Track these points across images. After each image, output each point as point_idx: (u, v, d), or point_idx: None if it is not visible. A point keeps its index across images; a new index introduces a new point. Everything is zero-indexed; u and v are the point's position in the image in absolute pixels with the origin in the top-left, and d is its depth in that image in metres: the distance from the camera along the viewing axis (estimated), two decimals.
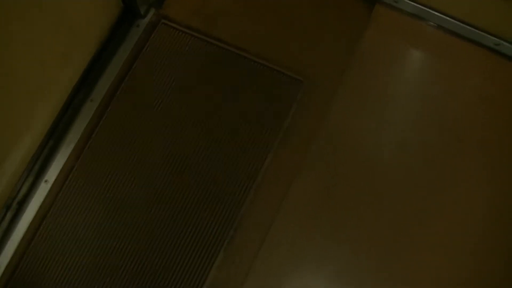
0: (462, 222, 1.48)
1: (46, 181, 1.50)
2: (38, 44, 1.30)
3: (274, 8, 1.69)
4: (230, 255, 1.44)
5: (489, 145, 1.55)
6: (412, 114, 1.58)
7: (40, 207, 1.48)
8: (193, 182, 1.50)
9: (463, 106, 1.58)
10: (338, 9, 1.69)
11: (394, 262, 1.44)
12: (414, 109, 1.58)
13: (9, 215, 1.47)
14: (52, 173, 1.51)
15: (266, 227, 1.46)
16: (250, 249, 1.44)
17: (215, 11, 1.67)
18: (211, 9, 1.68)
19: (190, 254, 1.44)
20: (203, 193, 1.49)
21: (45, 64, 1.37)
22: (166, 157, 1.52)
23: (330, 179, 1.50)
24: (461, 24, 1.62)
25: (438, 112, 1.57)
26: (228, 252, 1.44)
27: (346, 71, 1.61)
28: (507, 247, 1.46)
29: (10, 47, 1.21)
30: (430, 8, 1.62)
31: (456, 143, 1.55)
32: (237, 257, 1.44)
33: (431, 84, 1.60)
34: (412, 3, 1.63)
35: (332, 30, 1.66)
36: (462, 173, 1.52)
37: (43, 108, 1.46)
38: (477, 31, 1.61)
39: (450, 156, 1.54)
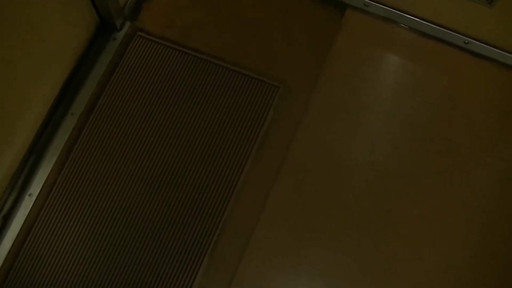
0: (431, 219, 1.52)
1: (30, 194, 1.52)
2: (12, 60, 1.31)
3: (245, 18, 1.71)
4: (214, 261, 1.47)
5: (459, 144, 1.58)
6: (384, 116, 1.61)
7: (25, 220, 1.50)
8: (175, 191, 1.52)
9: (433, 105, 1.62)
10: (309, 15, 1.71)
11: (367, 260, 1.48)
12: (386, 112, 1.61)
13: None
14: (35, 187, 1.53)
15: (249, 231, 1.49)
16: (234, 254, 1.47)
17: (187, 23, 1.70)
18: (183, 21, 1.70)
19: (175, 261, 1.46)
20: (185, 201, 1.51)
21: (21, 80, 1.38)
22: (146, 168, 1.54)
23: (308, 183, 1.54)
24: (431, 25, 1.65)
25: (409, 113, 1.61)
26: (212, 258, 1.47)
27: (320, 76, 1.64)
28: (478, 244, 1.50)
29: None
30: (400, 10, 1.66)
31: (427, 143, 1.58)
32: (222, 262, 1.47)
33: (403, 86, 1.64)
34: (383, 6, 1.66)
35: (304, 36, 1.69)
36: (433, 173, 1.56)
37: (23, 123, 1.47)
38: (447, 30, 1.65)
39: (420, 156, 1.57)
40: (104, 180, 1.53)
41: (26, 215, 1.51)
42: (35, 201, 1.52)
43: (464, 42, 1.64)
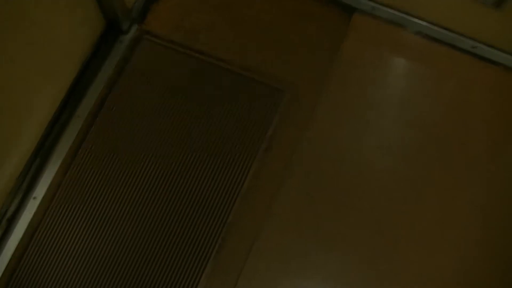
0: (444, 221, 1.51)
1: (34, 197, 1.51)
2: (20, 62, 1.31)
3: (252, 22, 1.71)
4: (219, 264, 1.46)
5: (468, 147, 1.58)
6: (392, 119, 1.60)
7: (30, 223, 1.49)
8: (180, 193, 1.52)
9: (442, 108, 1.62)
10: (317, 19, 1.71)
11: (380, 264, 1.47)
12: (394, 115, 1.61)
13: None
14: (40, 190, 1.52)
15: (254, 235, 1.48)
16: (239, 257, 1.46)
17: (195, 25, 1.70)
18: (191, 23, 1.70)
19: (180, 264, 1.45)
20: (190, 204, 1.51)
21: (28, 82, 1.38)
22: (151, 170, 1.54)
23: (314, 186, 1.53)
24: (439, 29, 1.65)
25: (418, 116, 1.61)
26: (217, 261, 1.46)
27: (327, 79, 1.64)
28: (492, 246, 1.49)
29: None
30: (408, 14, 1.66)
31: (436, 145, 1.58)
32: (226, 265, 1.46)
33: (410, 89, 1.64)
34: (390, 10, 1.66)
35: (312, 40, 1.69)
36: (443, 174, 1.55)
37: (29, 125, 1.47)
38: (454, 35, 1.65)
39: (430, 158, 1.57)
40: (109, 183, 1.52)
41: (30, 218, 1.50)
42: (39, 204, 1.51)
43: (472, 47, 1.64)
